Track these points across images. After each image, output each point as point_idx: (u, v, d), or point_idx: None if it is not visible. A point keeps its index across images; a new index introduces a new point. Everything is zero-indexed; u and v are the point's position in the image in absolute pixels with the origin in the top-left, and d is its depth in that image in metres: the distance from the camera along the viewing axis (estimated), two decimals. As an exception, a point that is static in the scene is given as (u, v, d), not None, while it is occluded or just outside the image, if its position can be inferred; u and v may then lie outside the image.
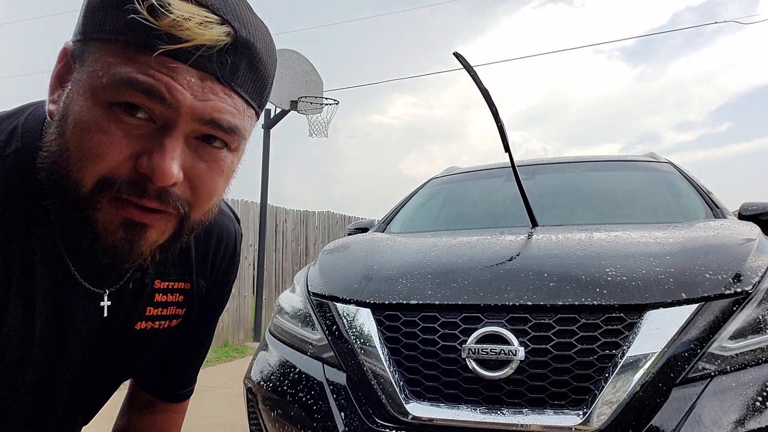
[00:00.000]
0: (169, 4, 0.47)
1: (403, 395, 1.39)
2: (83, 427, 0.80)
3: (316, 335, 1.63)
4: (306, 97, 6.01)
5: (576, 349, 1.30)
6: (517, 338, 1.34)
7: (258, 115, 0.60)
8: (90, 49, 0.50)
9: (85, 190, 0.51)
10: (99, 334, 0.67)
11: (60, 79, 0.53)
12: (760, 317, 1.33)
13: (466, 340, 1.37)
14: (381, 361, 1.43)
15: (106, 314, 0.65)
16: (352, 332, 1.51)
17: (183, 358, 0.85)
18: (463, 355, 1.36)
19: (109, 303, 0.65)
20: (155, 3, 0.47)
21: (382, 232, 2.70)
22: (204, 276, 0.78)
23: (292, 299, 1.86)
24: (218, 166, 0.56)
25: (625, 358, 1.27)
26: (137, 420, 0.88)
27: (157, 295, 0.71)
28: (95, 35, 0.50)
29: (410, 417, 1.36)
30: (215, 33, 0.49)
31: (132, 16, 0.47)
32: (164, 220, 0.55)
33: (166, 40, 0.48)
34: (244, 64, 0.53)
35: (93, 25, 0.50)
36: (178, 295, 0.73)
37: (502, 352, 1.33)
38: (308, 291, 1.77)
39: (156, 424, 0.88)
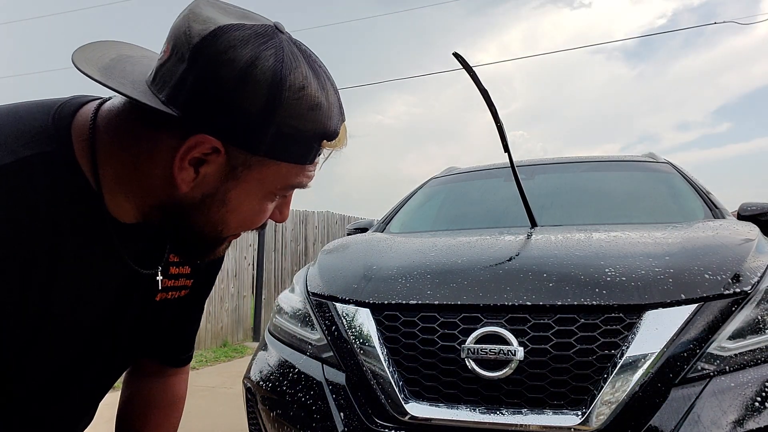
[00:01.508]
0: (337, 132, 0.63)
1: (402, 395, 1.39)
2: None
3: (315, 335, 1.63)
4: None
5: (575, 349, 1.30)
6: (517, 338, 1.34)
7: None
8: (261, 161, 0.60)
9: (224, 237, 0.67)
10: (140, 308, 0.74)
11: (194, 160, 0.59)
12: (759, 317, 1.33)
13: (465, 340, 1.37)
14: (380, 361, 1.43)
15: (160, 287, 0.76)
16: (352, 332, 1.51)
17: (187, 326, 0.93)
18: (463, 355, 1.36)
19: (161, 278, 0.76)
20: (336, 134, 0.63)
21: (382, 232, 2.70)
22: None
23: (292, 299, 1.86)
24: None
25: (624, 358, 1.27)
26: (147, 387, 0.94)
27: (171, 268, 0.78)
28: (274, 157, 0.60)
29: (409, 417, 1.36)
30: (345, 137, 0.66)
31: (318, 150, 0.63)
32: None
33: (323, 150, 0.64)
34: None
35: (273, 149, 0.59)
36: (187, 267, 0.81)
37: (501, 352, 1.33)
38: (307, 291, 1.77)
39: (167, 387, 0.96)
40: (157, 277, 0.74)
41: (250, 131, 0.57)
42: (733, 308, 1.33)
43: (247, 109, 0.56)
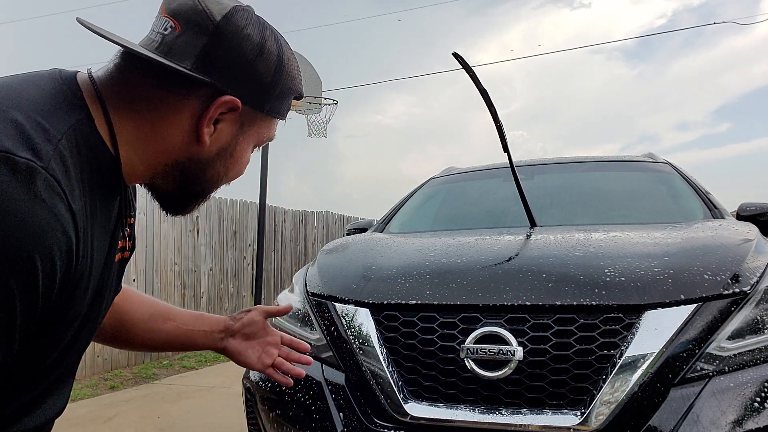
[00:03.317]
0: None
1: (401, 395, 1.39)
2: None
3: (314, 335, 1.63)
4: (305, 97, 6.00)
5: (574, 349, 1.30)
6: (516, 338, 1.34)
7: None
8: (262, 117, 0.74)
9: (217, 188, 0.78)
10: (113, 267, 0.77)
11: (212, 118, 0.69)
12: (758, 318, 1.33)
13: (464, 340, 1.37)
14: (380, 361, 1.43)
15: (119, 246, 0.78)
16: (351, 332, 1.51)
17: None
18: (462, 355, 1.36)
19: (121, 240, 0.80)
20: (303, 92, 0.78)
21: (381, 232, 2.70)
22: (135, 210, 0.90)
23: (291, 299, 1.86)
24: None
25: (623, 358, 1.27)
26: (117, 313, 0.96)
27: (127, 229, 0.81)
28: (272, 113, 0.74)
29: (409, 417, 1.36)
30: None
31: (293, 106, 0.75)
32: None
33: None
34: None
35: (273, 107, 0.73)
36: (129, 229, 0.84)
37: (501, 352, 1.33)
38: (307, 291, 1.77)
39: (129, 301, 0.98)
40: (126, 237, 0.80)
41: (262, 93, 0.71)
42: (732, 308, 1.33)
43: (263, 75, 0.69)
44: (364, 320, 1.51)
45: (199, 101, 0.67)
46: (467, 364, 1.35)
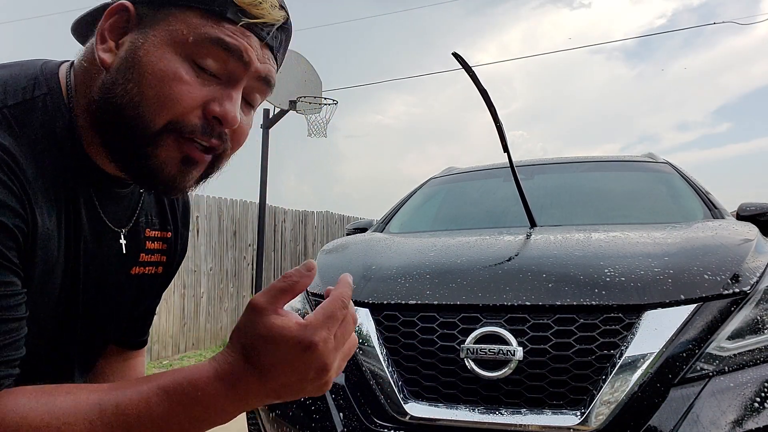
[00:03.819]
0: None
1: (401, 395, 1.39)
2: None
3: (314, 335, 1.63)
4: (305, 97, 5.99)
5: (574, 349, 1.30)
6: (516, 338, 1.34)
7: None
8: (168, 11, 0.60)
9: (153, 130, 0.60)
10: (112, 274, 0.74)
11: (114, 32, 0.61)
12: (758, 318, 1.33)
13: (464, 340, 1.37)
14: (379, 361, 1.43)
15: (124, 251, 0.73)
16: (351, 332, 1.51)
17: (149, 310, 0.90)
18: (462, 355, 1.36)
19: (125, 242, 0.73)
20: None
21: (381, 232, 2.70)
22: (177, 224, 0.86)
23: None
24: (249, 121, 0.69)
25: (623, 358, 1.27)
26: (108, 368, 0.91)
27: (147, 242, 0.78)
28: (178, 2, 0.59)
29: (409, 417, 1.36)
30: (279, 15, 0.63)
31: None
32: (207, 160, 0.66)
33: (245, 15, 0.60)
34: (283, 41, 0.67)
35: None
36: (161, 243, 0.81)
37: (501, 352, 1.33)
38: (307, 291, 1.77)
39: (126, 369, 0.93)
40: (121, 240, 0.73)
41: None
42: (732, 308, 1.33)
43: None
44: (364, 320, 1.51)
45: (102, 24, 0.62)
46: (467, 364, 1.35)
